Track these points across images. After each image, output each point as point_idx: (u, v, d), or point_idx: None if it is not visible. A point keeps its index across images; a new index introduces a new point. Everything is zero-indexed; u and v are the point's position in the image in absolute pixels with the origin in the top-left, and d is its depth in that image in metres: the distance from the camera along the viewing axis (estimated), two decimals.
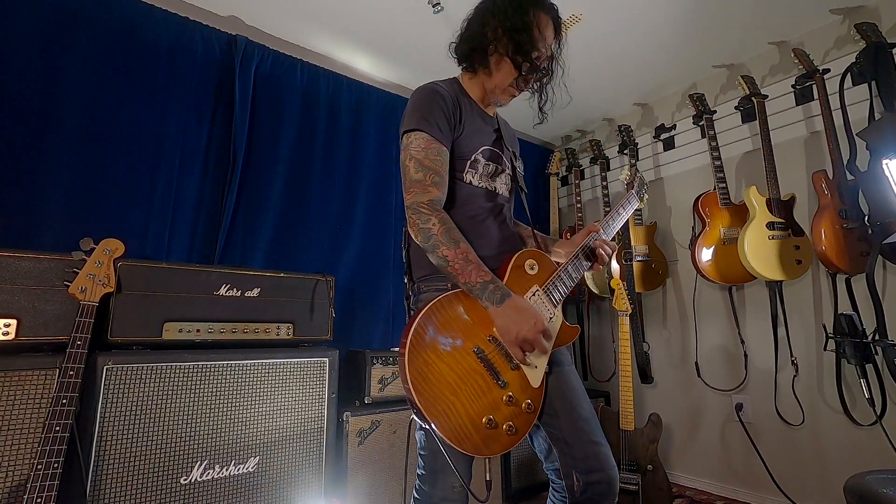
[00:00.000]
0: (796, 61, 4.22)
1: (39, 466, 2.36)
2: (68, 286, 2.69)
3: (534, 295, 2.22)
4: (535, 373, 2.13)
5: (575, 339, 2.24)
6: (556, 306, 2.26)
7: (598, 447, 2.17)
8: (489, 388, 2.03)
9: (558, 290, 2.30)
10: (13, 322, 2.63)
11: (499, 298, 2.08)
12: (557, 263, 2.42)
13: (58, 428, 2.42)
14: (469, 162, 2.37)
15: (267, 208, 4.30)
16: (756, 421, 4.53)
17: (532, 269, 2.29)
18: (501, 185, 2.49)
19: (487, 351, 2.07)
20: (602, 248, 2.50)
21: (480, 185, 2.40)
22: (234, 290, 3.27)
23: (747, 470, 4.54)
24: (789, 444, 4.31)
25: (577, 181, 6.24)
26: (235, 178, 4.10)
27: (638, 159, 5.64)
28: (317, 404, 3.42)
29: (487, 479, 2.07)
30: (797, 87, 4.39)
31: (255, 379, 3.20)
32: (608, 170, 6.08)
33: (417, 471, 2.26)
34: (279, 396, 3.27)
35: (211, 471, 2.94)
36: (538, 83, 2.54)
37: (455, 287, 2.16)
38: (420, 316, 2.03)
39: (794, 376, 4.29)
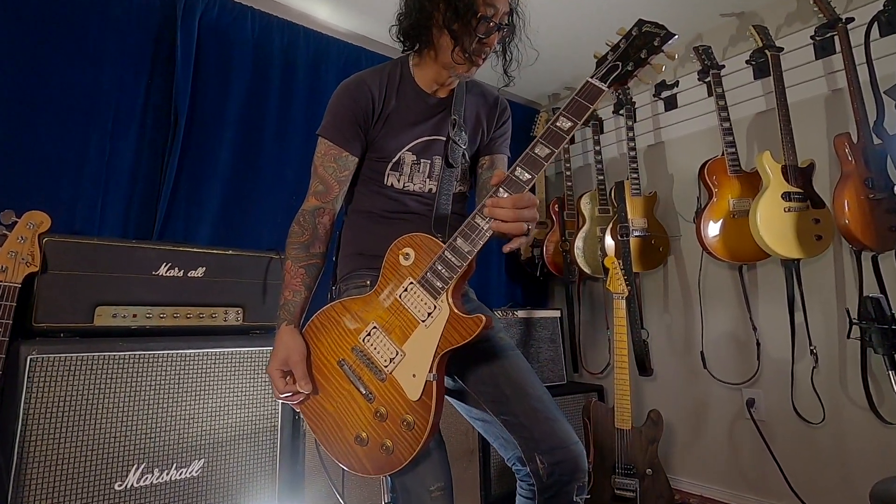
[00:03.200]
0: (816, 9, 4.19)
1: None
2: None
3: (405, 291, 2.19)
4: (414, 383, 2.09)
5: (477, 334, 2.03)
6: (438, 296, 2.12)
7: (555, 423, 2.24)
8: (357, 403, 2.15)
9: (440, 276, 2.12)
10: None
11: (278, 325, 2.34)
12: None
13: None
14: (391, 163, 2.52)
15: (213, 176, 4.29)
16: (770, 419, 4.56)
17: (407, 259, 2.23)
18: (439, 185, 2.59)
19: (351, 362, 2.20)
20: (494, 209, 2.01)
21: (406, 188, 2.55)
22: (176, 269, 3.26)
23: (759, 474, 4.58)
24: (808, 445, 4.34)
25: (566, 146, 6.14)
26: (177, 143, 4.08)
27: (636, 120, 5.65)
28: (270, 400, 3.40)
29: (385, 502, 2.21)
30: (817, 38, 4.37)
31: (199, 371, 3.18)
32: (601, 133, 6.10)
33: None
34: (227, 390, 3.26)
35: (150, 475, 2.92)
36: (500, 44, 2.58)
37: (369, 286, 2.37)
38: (303, 330, 2.32)
39: (814, 368, 4.28)
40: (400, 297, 2.18)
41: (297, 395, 2.23)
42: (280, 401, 2.47)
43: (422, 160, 2.54)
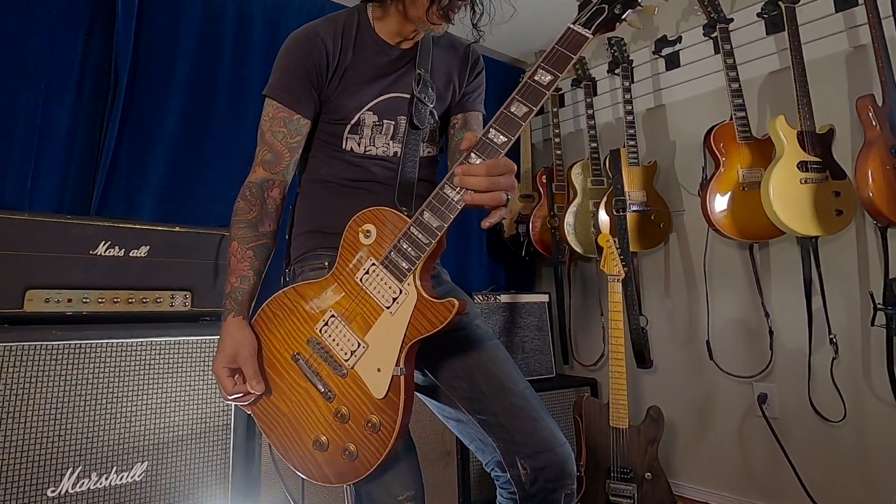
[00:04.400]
0: None
1: None
2: None
3: (367, 273, 2.13)
4: (379, 378, 2.03)
5: (449, 321, 1.97)
6: (404, 278, 2.04)
7: (538, 423, 2.22)
8: (315, 402, 2.12)
9: (406, 256, 2.04)
10: None
11: (224, 316, 2.29)
12: None
13: None
14: (350, 125, 2.48)
15: (158, 144, 4.29)
16: (784, 416, 4.57)
17: (367, 236, 2.17)
18: (403, 149, 2.56)
19: (307, 355, 2.16)
20: (466, 178, 1.94)
21: (368, 152, 2.52)
22: (117, 248, 3.26)
23: (772, 478, 4.59)
24: (826, 446, 4.34)
25: (555, 109, 6.24)
26: (118, 106, 4.07)
27: (633, 81, 5.64)
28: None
29: None
30: None
31: (142, 362, 3.20)
32: (595, 95, 6.06)
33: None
34: (174, 385, 3.28)
35: (86, 480, 2.94)
36: None
37: (327, 268, 2.31)
38: (253, 321, 2.29)
39: (833, 359, 4.27)
40: (361, 280, 2.13)
41: (248, 396, 2.20)
42: (229, 402, 2.46)
43: (384, 121, 2.50)
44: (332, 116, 2.47)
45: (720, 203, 4.48)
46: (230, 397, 2.19)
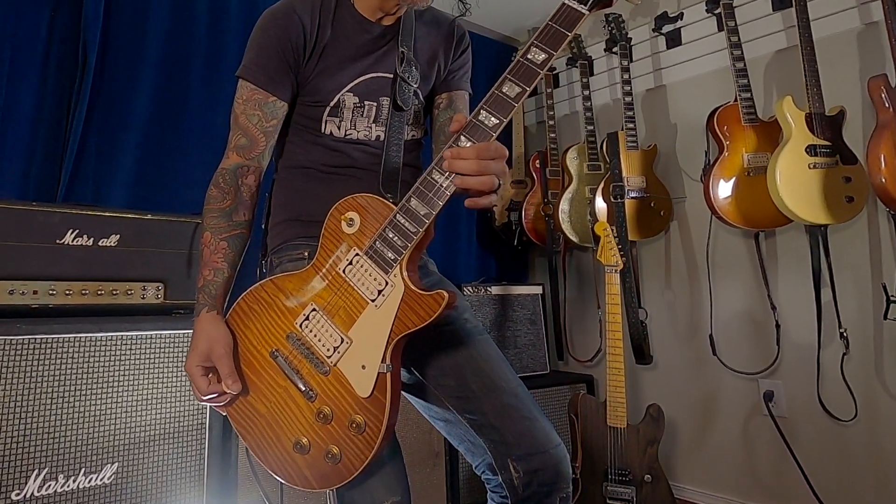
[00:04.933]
0: None
1: None
2: None
3: (350, 265, 2.10)
4: (364, 375, 2.00)
5: (438, 314, 1.95)
6: (390, 270, 2.02)
7: (531, 423, 2.22)
8: (295, 402, 2.09)
9: (392, 246, 2.02)
10: None
11: (197, 311, 2.25)
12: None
13: None
14: (329, 107, 2.46)
15: (129, 126, 4.28)
16: (791, 415, 4.58)
17: (351, 225, 2.14)
18: (387, 132, 2.54)
19: (286, 352, 2.13)
20: (455, 161, 1.91)
21: (349, 136, 2.51)
22: (85, 237, 3.25)
23: (778, 481, 4.60)
24: (836, 446, 4.35)
25: (549, 90, 6.24)
26: (86, 86, 4.05)
27: (632, 60, 5.61)
28: None
29: None
30: None
31: (112, 358, 3.17)
32: (591, 74, 6.06)
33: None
34: (146, 382, 3.26)
35: (53, 482, 2.92)
36: None
37: (307, 258, 2.29)
38: (228, 316, 2.25)
39: (844, 354, 4.26)
40: (344, 271, 2.09)
41: (223, 396, 2.17)
42: (203, 403, 2.44)
43: (366, 102, 2.48)
44: (309, 98, 2.45)
45: (724, 189, 4.46)
46: (204, 398, 2.16)
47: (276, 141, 2.51)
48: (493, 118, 1.92)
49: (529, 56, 1.97)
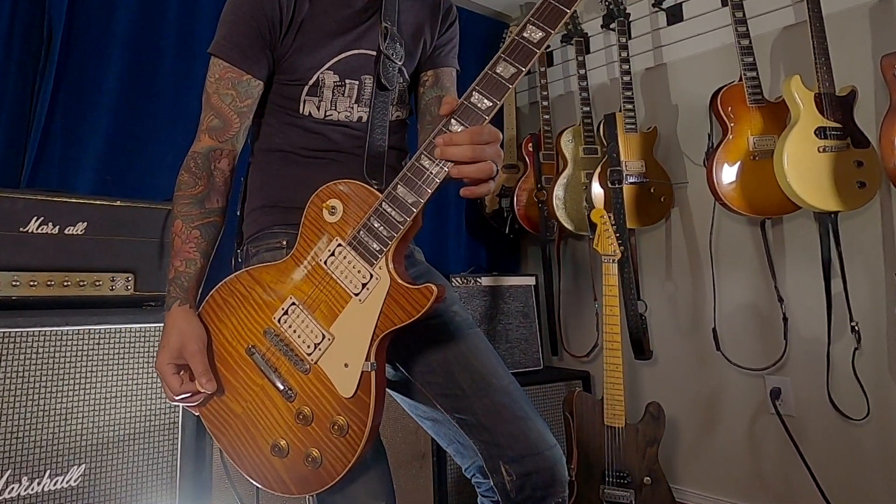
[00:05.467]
0: None
1: None
2: None
3: (332, 256, 2.08)
4: (346, 374, 1.99)
5: (427, 309, 1.93)
6: (375, 261, 2.00)
7: (525, 423, 2.21)
8: (273, 402, 2.08)
9: (377, 236, 2.00)
10: None
11: (168, 304, 2.24)
12: None
13: None
14: (308, 86, 2.44)
15: (97, 108, 4.26)
16: (800, 413, 4.57)
17: (333, 213, 2.12)
18: (371, 113, 2.52)
19: (263, 349, 2.12)
20: (448, 148, 1.90)
21: (329, 117, 2.48)
22: (50, 224, 3.23)
23: (786, 483, 4.60)
24: (847, 446, 4.35)
25: (542, 68, 6.25)
26: (51, 65, 4.04)
27: (630, 37, 5.59)
28: None
29: None
30: None
31: (79, 353, 3.17)
32: (587, 52, 6.03)
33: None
34: (115, 378, 3.26)
35: (16, 485, 2.92)
36: None
37: (286, 248, 2.30)
38: (201, 309, 2.24)
39: (855, 349, 4.25)
40: (325, 263, 2.07)
41: (196, 396, 2.14)
42: (175, 403, 2.42)
43: (347, 81, 2.45)
44: (286, 77, 2.43)
45: (728, 174, 4.45)
46: (176, 398, 2.14)
47: (252, 122, 2.48)
48: (486, 100, 1.90)
49: (525, 34, 1.93)
